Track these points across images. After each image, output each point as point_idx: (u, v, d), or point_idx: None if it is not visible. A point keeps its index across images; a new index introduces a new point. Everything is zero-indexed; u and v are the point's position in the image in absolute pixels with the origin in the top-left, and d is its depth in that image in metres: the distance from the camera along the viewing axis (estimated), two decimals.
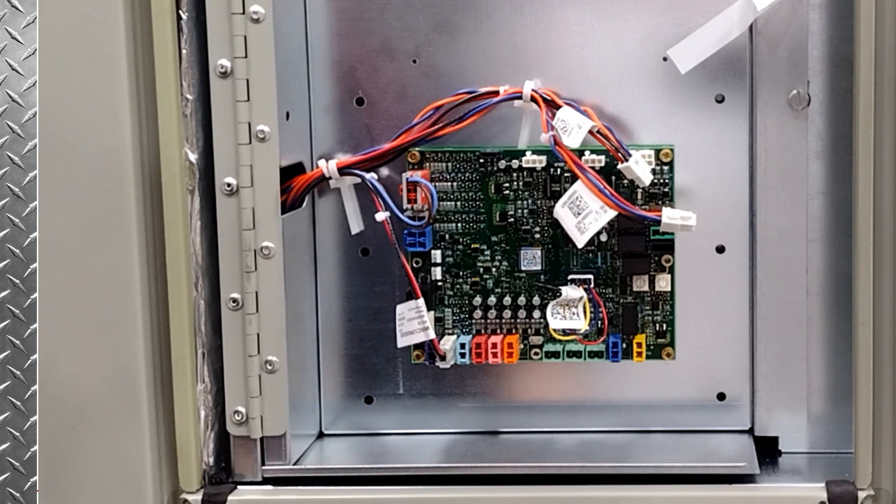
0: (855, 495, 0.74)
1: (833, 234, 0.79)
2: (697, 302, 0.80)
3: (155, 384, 0.75)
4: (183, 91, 0.73)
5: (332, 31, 0.80)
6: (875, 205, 0.73)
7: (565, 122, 0.74)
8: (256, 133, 0.73)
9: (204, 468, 0.76)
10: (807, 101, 0.77)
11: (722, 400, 0.81)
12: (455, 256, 0.80)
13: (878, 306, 0.73)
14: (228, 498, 0.75)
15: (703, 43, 0.75)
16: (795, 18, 0.76)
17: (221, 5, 0.72)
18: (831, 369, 0.80)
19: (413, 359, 0.80)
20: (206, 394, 0.76)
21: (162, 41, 0.73)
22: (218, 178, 0.74)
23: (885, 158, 0.72)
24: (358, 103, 0.80)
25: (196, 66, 0.74)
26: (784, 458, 0.80)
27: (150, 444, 0.75)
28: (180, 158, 0.74)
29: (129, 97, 0.73)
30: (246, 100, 0.72)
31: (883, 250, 0.73)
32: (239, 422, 0.75)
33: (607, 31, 0.78)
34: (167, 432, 0.76)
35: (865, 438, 0.74)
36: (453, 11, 0.79)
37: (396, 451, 0.81)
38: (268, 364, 0.75)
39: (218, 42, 0.72)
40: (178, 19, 0.73)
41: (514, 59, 0.79)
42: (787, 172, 0.78)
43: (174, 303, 0.74)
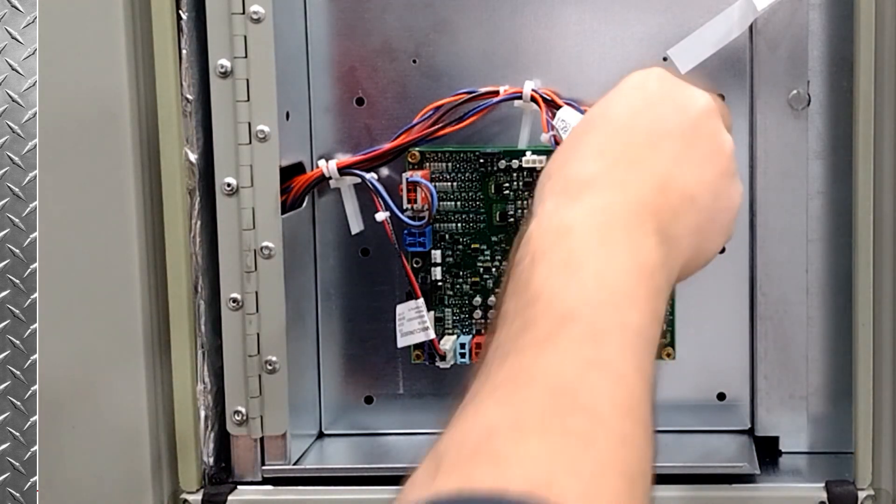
0: (855, 495, 0.74)
1: (833, 234, 0.79)
2: (697, 302, 0.80)
3: (155, 384, 0.75)
4: (183, 91, 0.73)
5: (332, 31, 0.80)
6: (875, 205, 0.73)
7: (566, 123, 0.74)
8: (256, 133, 0.73)
9: (204, 468, 0.76)
10: (807, 101, 0.77)
11: (722, 400, 0.81)
12: (455, 256, 0.80)
13: (878, 306, 0.73)
14: (228, 498, 0.75)
15: (703, 43, 0.75)
16: (795, 18, 0.76)
17: (221, 5, 0.72)
18: (831, 369, 0.80)
19: (413, 359, 0.80)
20: (206, 394, 0.76)
21: (162, 41, 0.73)
22: (218, 178, 0.74)
23: (885, 158, 0.72)
24: (358, 103, 0.80)
25: (196, 66, 0.74)
26: (784, 458, 0.80)
27: (149, 445, 0.75)
28: (180, 158, 0.74)
29: (129, 97, 0.73)
30: (246, 100, 0.72)
31: (883, 250, 0.73)
32: (239, 422, 0.75)
33: (607, 31, 0.78)
34: (167, 432, 0.76)
35: (865, 438, 0.74)
36: (453, 11, 0.79)
37: (396, 451, 0.81)
38: (268, 364, 0.75)
39: (218, 42, 0.72)
40: (178, 19, 0.73)
41: (514, 59, 0.79)
42: (787, 172, 0.78)
43: (174, 303, 0.74)
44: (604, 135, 0.53)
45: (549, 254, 0.48)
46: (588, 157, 0.52)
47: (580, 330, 0.45)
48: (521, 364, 0.44)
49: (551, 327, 0.45)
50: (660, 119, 0.54)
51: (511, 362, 0.44)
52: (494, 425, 0.41)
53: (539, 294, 0.46)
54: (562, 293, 0.46)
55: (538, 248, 0.48)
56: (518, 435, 0.41)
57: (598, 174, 0.51)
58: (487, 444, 0.41)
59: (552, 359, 0.44)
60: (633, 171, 0.52)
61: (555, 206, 0.50)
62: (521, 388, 0.43)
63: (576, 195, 0.50)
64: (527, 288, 0.47)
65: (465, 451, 0.41)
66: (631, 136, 0.53)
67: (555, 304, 0.45)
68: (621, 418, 0.43)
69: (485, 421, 0.42)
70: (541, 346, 0.44)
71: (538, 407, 0.42)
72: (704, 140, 0.55)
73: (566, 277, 0.46)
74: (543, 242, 0.48)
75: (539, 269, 0.47)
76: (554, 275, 0.47)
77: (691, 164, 0.54)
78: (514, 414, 0.42)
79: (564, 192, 0.51)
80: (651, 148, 0.53)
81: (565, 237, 0.48)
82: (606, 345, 0.45)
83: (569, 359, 0.44)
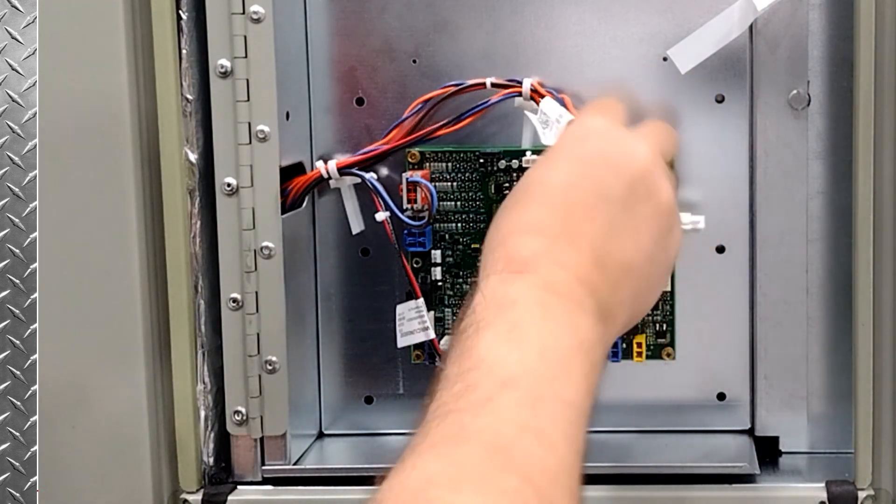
0: (855, 495, 0.74)
1: (833, 234, 0.79)
2: (697, 302, 0.80)
3: (155, 384, 0.75)
4: (183, 91, 0.73)
5: (332, 31, 0.80)
6: (875, 205, 0.73)
7: (547, 116, 0.74)
8: (256, 133, 0.73)
9: (204, 468, 0.76)
10: (807, 101, 0.77)
11: (722, 400, 0.81)
12: (455, 256, 0.80)
13: (878, 306, 0.73)
14: (228, 498, 0.75)
15: (703, 43, 0.75)
16: (795, 18, 0.76)
17: (221, 5, 0.72)
18: (831, 369, 0.80)
19: (413, 359, 0.80)
20: (206, 394, 0.76)
21: (162, 41, 0.73)
22: (218, 178, 0.74)
23: (885, 158, 0.72)
24: (358, 103, 0.80)
25: (196, 66, 0.74)
26: (784, 458, 0.80)
27: (149, 445, 0.75)
28: (180, 158, 0.74)
29: (129, 97, 0.73)
30: (246, 100, 0.72)
31: (883, 250, 0.73)
32: (239, 422, 0.75)
33: (607, 31, 0.78)
34: (167, 432, 0.76)
35: (865, 438, 0.74)
36: (453, 11, 0.79)
37: (396, 451, 0.80)
38: (268, 364, 0.75)
39: (218, 42, 0.72)
40: (178, 19, 0.73)
41: (514, 60, 0.79)
42: (787, 172, 0.78)
43: (174, 303, 0.74)
44: (544, 208, 0.55)
45: (493, 323, 0.50)
46: (528, 232, 0.54)
47: (518, 396, 0.47)
48: (460, 422, 0.46)
49: (491, 391, 0.47)
50: (597, 186, 0.56)
51: (451, 420, 0.46)
52: (432, 476, 0.44)
53: (482, 359, 0.48)
54: (504, 360, 0.48)
55: (483, 318, 0.50)
56: (455, 486, 0.43)
57: (538, 253, 0.53)
58: (424, 493, 0.43)
59: (490, 419, 0.46)
60: (572, 249, 0.54)
61: (499, 281, 0.52)
62: (460, 445, 0.45)
63: (519, 271, 0.53)
64: (470, 354, 0.49)
65: (402, 498, 0.43)
66: (569, 210, 0.55)
67: (496, 369, 0.48)
68: (550, 484, 0.45)
69: (423, 472, 0.44)
70: (481, 407, 0.46)
71: (475, 462, 0.44)
72: (642, 202, 0.57)
73: (509, 346, 0.49)
74: (488, 313, 0.51)
75: (483, 337, 0.49)
76: (498, 343, 0.49)
77: (628, 230, 0.56)
78: (452, 467, 0.44)
79: (507, 269, 0.53)
80: (589, 220, 0.55)
81: (509, 309, 0.51)
82: (542, 413, 0.47)
83: (506, 421, 0.46)
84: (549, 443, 0.46)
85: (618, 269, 0.55)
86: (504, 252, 0.54)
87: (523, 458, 0.45)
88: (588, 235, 0.54)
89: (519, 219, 0.55)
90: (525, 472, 0.45)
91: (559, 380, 0.49)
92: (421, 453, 0.45)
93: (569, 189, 0.56)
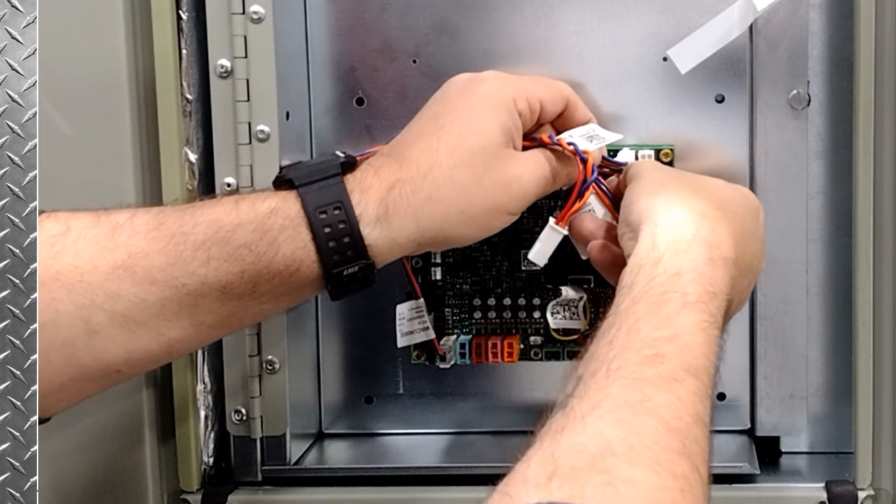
0: (855, 495, 0.74)
1: (833, 234, 0.79)
2: None
3: (155, 384, 0.75)
4: (183, 91, 0.74)
5: (332, 31, 0.80)
6: (875, 205, 0.73)
7: (595, 132, 0.73)
8: (256, 133, 0.73)
9: (204, 468, 0.76)
10: (807, 101, 0.77)
11: (722, 400, 0.81)
12: (455, 256, 0.80)
13: (878, 306, 0.74)
14: (228, 498, 0.76)
15: (703, 43, 0.75)
16: (795, 18, 0.76)
17: (221, 5, 0.72)
18: (831, 369, 0.80)
19: (413, 359, 0.80)
20: (206, 394, 0.76)
21: (162, 41, 0.73)
22: (218, 178, 0.74)
23: (885, 158, 0.73)
24: (358, 103, 0.80)
25: (196, 66, 0.74)
26: (784, 458, 0.80)
27: (149, 445, 0.75)
28: (180, 158, 0.74)
29: (130, 97, 0.73)
30: (246, 100, 0.72)
31: (883, 250, 0.73)
32: (239, 422, 0.75)
33: (607, 31, 0.78)
34: (167, 432, 0.76)
35: (865, 438, 0.74)
36: (453, 11, 0.79)
37: (396, 451, 0.81)
38: (268, 364, 0.75)
39: (218, 42, 0.72)
40: (178, 19, 0.73)
41: (514, 60, 0.79)
42: (787, 172, 0.78)
43: None
44: (732, 235, 0.62)
45: (698, 307, 0.56)
46: (727, 244, 0.62)
47: (698, 386, 0.52)
48: (644, 392, 0.49)
49: (678, 372, 0.52)
50: (750, 222, 0.67)
51: (634, 386, 0.50)
52: (611, 444, 0.46)
53: (678, 336, 0.53)
54: (696, 348, 0.54)
55: (694, 295, 0.56)
56: (633, 460, 0.45)
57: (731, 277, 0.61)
58: (602, 462, 0.45)
59: (672, 399, 0.50)
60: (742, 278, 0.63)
61: (712, 269, 0.59)
62: (641, 415, 0.48)
63: (720, 268, 0.59)
64: (670, 323, 0.54)
65: (580, 463, 0.45)
66: (742, 240, 0.64)
67: (686, 353, 0.53)
68: (705, 477, 0.48)
69: (602, 438, 0.46)
70: (667, 384, 0.51)
71: (653, 438, 0.47)
72: (760, 231, 0.68)
73: (702, 336, 0.54)
74: (700, 293, 0.57)
75: (687, 315, 0.55)
76: (697, 329, 0.55)
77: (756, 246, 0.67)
78: (632, 439, 0.47)
79: (712, 265, 0.59)
80: (745, 245, 0.64)
81: (711, 300, 0.57)
82: (708, 409, 0.52)
83: (685, 405, 0.50)
84: (706, 439, 0.50)
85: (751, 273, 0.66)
86: (713, 243, 0.60)
87: (694, 447, 0.48)
88: (744, 259, 0.64)
89: (719, 225, 0.62)
90: (693, 462, 0.47)
91: (714, 382, 0.54)
92: (602, 415, 0.48)
93: (740, 217, 0.65)
